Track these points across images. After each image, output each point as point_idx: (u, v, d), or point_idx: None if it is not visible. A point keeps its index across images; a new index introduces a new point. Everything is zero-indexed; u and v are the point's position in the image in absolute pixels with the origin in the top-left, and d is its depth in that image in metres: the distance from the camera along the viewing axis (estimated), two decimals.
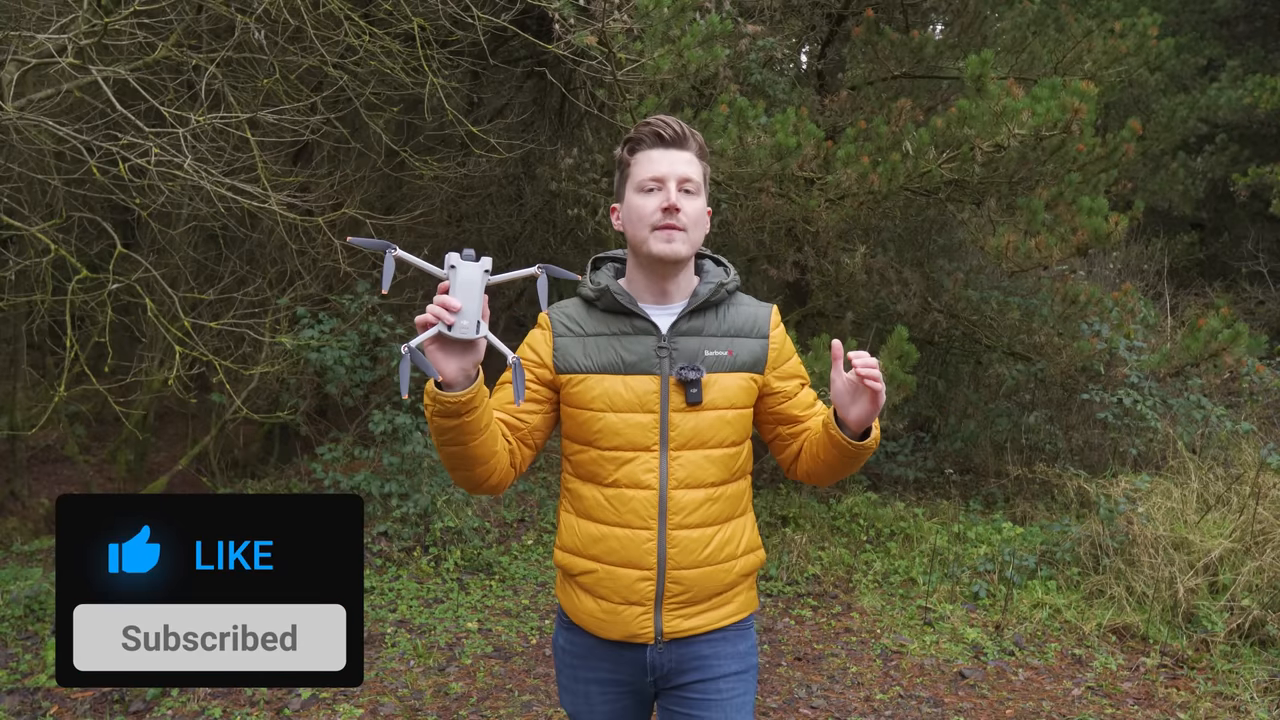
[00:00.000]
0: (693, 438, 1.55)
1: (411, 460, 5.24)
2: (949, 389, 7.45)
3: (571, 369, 1.57)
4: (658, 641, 1.58)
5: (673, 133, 1.54)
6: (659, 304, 1.60)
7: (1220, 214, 11.50)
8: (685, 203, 1.53)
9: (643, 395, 1.55)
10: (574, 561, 1.61)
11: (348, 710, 3.32)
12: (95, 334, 5.14)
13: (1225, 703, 3.48)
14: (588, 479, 1.59)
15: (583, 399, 1.56)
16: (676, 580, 1.56)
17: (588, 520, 1.59)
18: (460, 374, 1.34)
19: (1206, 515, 4.55)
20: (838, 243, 5.77)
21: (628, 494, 1.55)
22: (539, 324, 1.64)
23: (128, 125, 3.88)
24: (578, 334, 1.59)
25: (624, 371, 1.55)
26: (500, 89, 8.70)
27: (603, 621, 1.59)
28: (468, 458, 1.44)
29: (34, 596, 3.88)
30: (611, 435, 1.55)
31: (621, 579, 1.56)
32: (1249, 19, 11.35)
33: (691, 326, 1.58)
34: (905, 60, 5.98)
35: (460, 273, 1.31)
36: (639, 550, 1.55)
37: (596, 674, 1.64)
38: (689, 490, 1.55)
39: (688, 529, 1.55)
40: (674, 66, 4.53)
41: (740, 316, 1.62)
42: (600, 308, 1.61)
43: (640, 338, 1.57)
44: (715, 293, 1.60)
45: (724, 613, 1.62)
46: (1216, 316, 5.36)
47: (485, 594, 4.70)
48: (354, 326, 5.61)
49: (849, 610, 4.54)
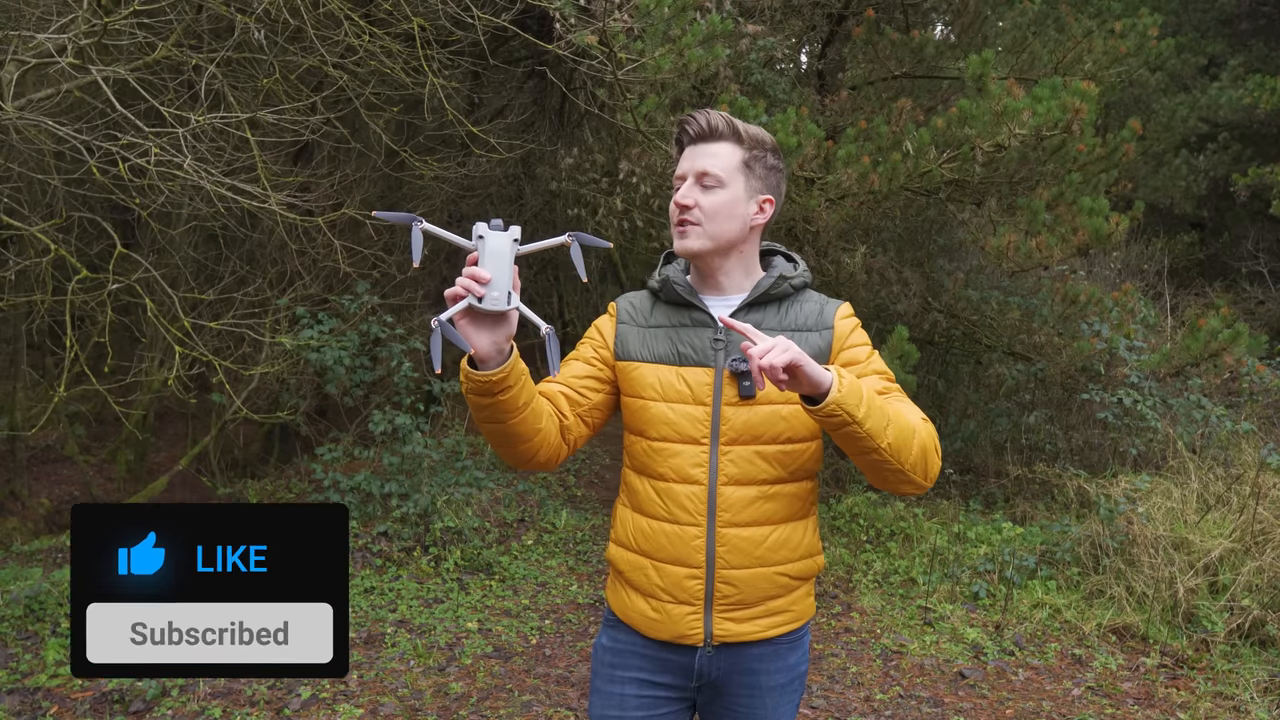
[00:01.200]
0: (745, 432, 1.50)
1: (411, 460, 5.24)
2: (949, 389, 7.45)
3: (630, 356, 1.58)
4: (707, 644, 1.54)
5: (698, 127, 1.54)
6: (717, 295, 1.59)
7: (1220, 214, 11.50)
8: (700, 197, 1.52)
9: (696, 387, 1.52)
10: (625, 556, 1.59)
11: (348, 710, 3.32)
12: (95, 334, 5.14)
13: (1225, 703, 3.48)
14: (640, 471, 1.57)
15: (636, 386, 1.56)
16: (727, 580, 1.51)
17: (640, 514, 1.57)
18: (493, 348, 1.31)
19: (1206, 515, 4.55)
20: (838, 242, 5.77)
21: (676, 488, 1.52)
22: (608, 310, 1.67)
23: (128, 125, 3.88)
24: (639, 324, 1.61)
25: (679, 363, 1.54)
26: (500, 89, 8.70)
27: (654, 621, 1.55)
28: (508, 435, 1.42)
29: (34, 596, 3.87)
30: (660, 425, 1.53)
31: (670, 576, 1.53)
32: (1250, 18, 11.35)
33: (750, 319, 1.54)
34: (905, 60, 5.98)
35: (489, 243, 1.28)
36: (688, 547, 1.51)
37: (635, 674, 1.60)
38: (740, 487, 1.51)
39: (738, 527, 1.51)
40: (674, 66, 4.53)
41: (804, 312, 1.57)
42: (663, 299, 1.61)
43: (697, 329, 1.56)
44: (776, 285, 1.56)
45: (778, 620, 1.56)
46: (1216, 316, 5.36)
47: (485, 594, 4.70)
48: (354, 326, 5.61)
49: (849, 610, 4.54)
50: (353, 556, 4.87)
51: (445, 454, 5.43)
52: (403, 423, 5.24)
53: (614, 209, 6.57)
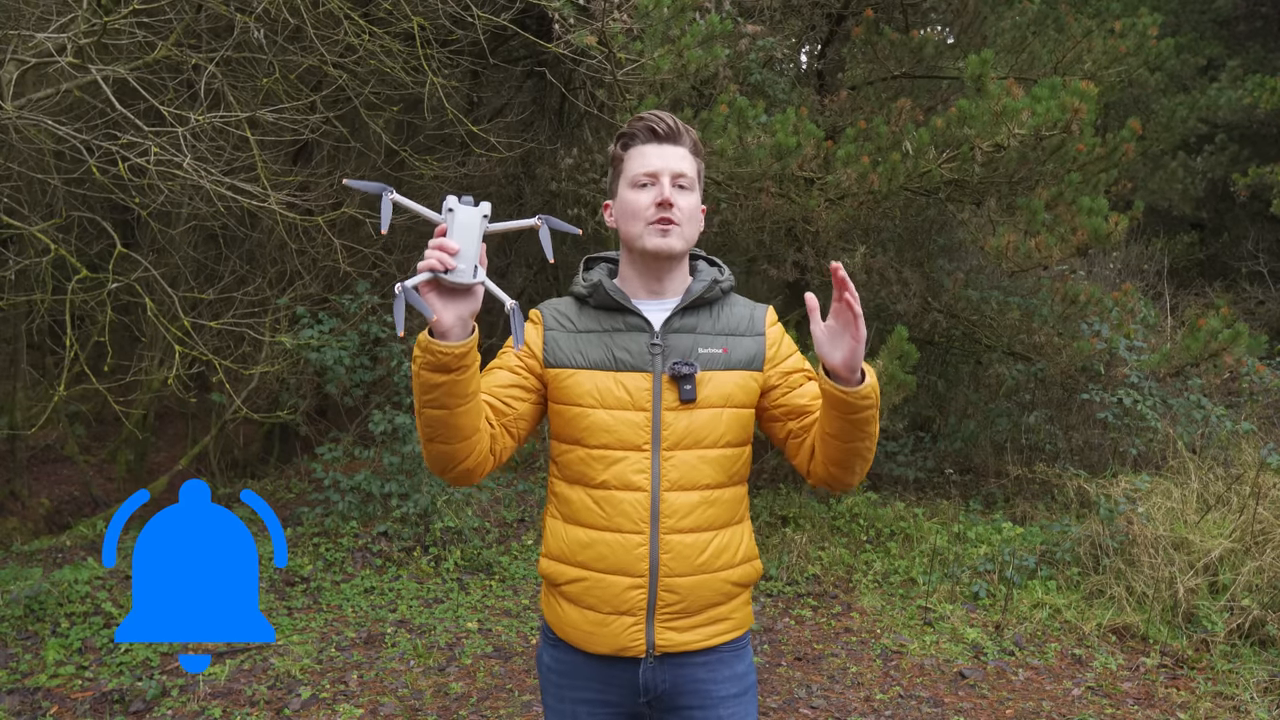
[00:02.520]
0: (686, 437, 1.49)
1: (411, 460, 5.23)
2: (949, 389, 7.45)
3: (561, 363, 1.53)
4: (649, 656, 1.51)
5: (666, 128, 1.51)
6: (651, 300, 1.56)
7: (1220, 214, 11.51)
8: (679, 198, 1.50)
9: (635, 393, 1.49)
10: (560, 570, 1.54)
11: (348, 710, 3.32)
12: (95, 334, 5.14)
13: (1225, 703, 3.48)
14: (575, 480, 1.53)
15: (572, 394, 1.51)
16: (670, 589, 1.49)
17: (575, 525, 1.52)
18: (458, 322, 1.28)
19: (1206, 515, 4.55)
20: (838, 243, 5.77)
21: (617, 496, 1.48)
22: (530, 318, 1.60)
23: (127, 125, 3.88)
24: (569, 329, 1.55)
25: (616, 368, 1.51)
26: (500, 88, 8.70)
27: (589, 634, 1.51)
28: (450, 427, 1.36)
29: (34, 596, 3.87)
30: (600, 432, 1.49)
31: (611, 587, 1.49)
32: (1249, 19, 11.36)
33: (685, 324, 1.54)
34: (905, 60, 5.98)
35: (458, 216, 1.27)
36: (630, 556, 1.48)
37: (584, 694, 1.55)
38: (683, 493, 1.49)
39: (681, 534, 1.49)
40: (674, 66, 4.53)
41: (735, 316, 1.58)
42: (593, 305, 1.57)
43: (633, 334, 1.53)
44: (709, 290, 1.56)
45: (720, 628, 1.55)
46: (1216, 316, 5.36)
47: (485, 594, 4.70)
48: (354, 326, 5.61)
49: (849, 610, 4.54)
50: (353, 556, 4.87)
51: None
52: (403, 422, 5.24)
53: None
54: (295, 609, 4.31)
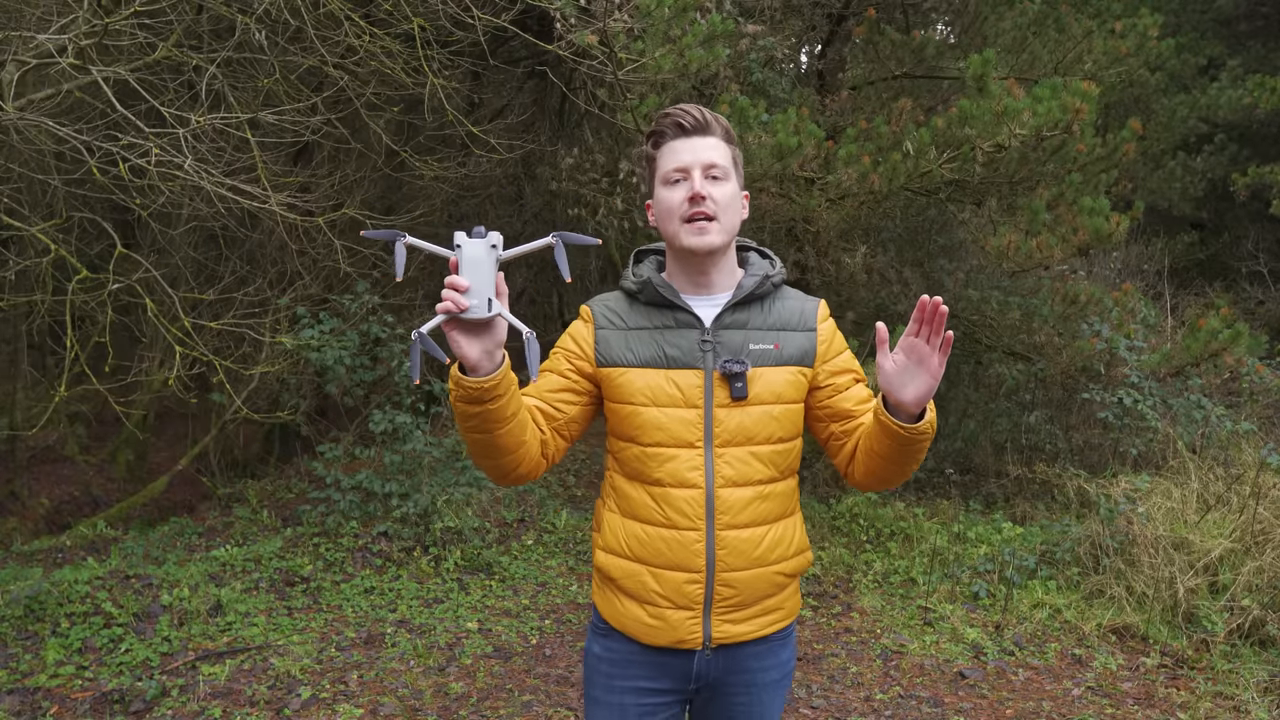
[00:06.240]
0: (738, 434, 1.49)
1: (412, 460, 5.24)
2: (949, 389, 7.45)
3: (614, 362, 1.53)
4: (706, 647, 1.53)
5: (694, 120, 1.50)
6: (701, 295, 1.55)
7: (1220, 214, 11.51)
8: (713, 189, 1.48)
9: (686, 390, 1.49)
10: (618, 564, 1.56)
11: (348, 710, 3.32)
12: (95, 334, 5.14)
13: (1225, 703, 3.48)
14: (633, 476, 1.54)
15: (624, 392, 1.52)
16: (726, 583, 1.50)
17: (634, 520, 1.54)
18: (484, 356, 1.29)
19: (1206, 515, 4.55)
20: (838, 242, 5.78)
21: (673, 493, 1.49)
22: (580, 315, 1.60)
23: (128, 125, 3.88)
24: (620, 327, 1.55)
25: (667, 366, 1.51)
26: (500, 89, 8.70)
27: (651, 628, 1.53)
28: (493, 447, 1.39)
29: (34, 596, 3.87)
30: (653, 430, 1.50)
31: (669, 582, 1.51)
32: (1249, 19, 11.36)
33: (736, 319, 1.53)
34: (906, 60, 5.98)
35: (465, 251, 1.28)
36: (687, 552, 1.49)
37: (635, 683, 1.57)
38: (737, 489, 1.50)
39: (737, 529, 1.50)
40: (675, 66, 4.53)
41: (787, 310, 1.57)
42: (642, 301, 1.56)
43: (683, 331, 1.52)
44: (760, 285, 1.55)
45: (772, 618, 1.57)
46: (1216, 316, 5.36)
47: (485, 594, 4.70)
48: (354, 326, 5.62)
49: (849, 610, 4.54)
50: (353, 556, 4.87)
51: (446, 453, 5.43)
52: (403, 422, 5.24)
53: (614, 209, 6.57)
54: (295, 609, 4.32)
